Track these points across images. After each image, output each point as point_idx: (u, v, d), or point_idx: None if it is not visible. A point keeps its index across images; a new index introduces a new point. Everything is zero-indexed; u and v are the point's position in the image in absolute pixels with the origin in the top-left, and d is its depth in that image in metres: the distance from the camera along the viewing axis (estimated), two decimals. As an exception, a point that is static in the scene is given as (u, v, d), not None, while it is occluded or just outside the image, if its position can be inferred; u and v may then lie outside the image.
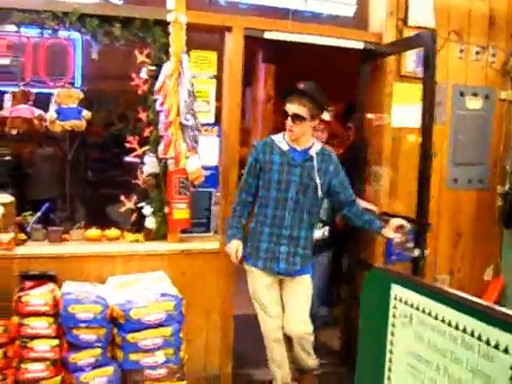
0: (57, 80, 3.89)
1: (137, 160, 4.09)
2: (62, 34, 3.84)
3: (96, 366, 3.33)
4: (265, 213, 3.67)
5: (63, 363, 3.30)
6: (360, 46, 4.43)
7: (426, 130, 3.94)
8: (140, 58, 3.91)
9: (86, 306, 3.32)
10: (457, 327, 1.67)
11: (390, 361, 1.93)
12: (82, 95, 4.00)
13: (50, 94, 3.93)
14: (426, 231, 3.96)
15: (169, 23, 3.85)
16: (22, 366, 3.22)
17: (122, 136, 4.19)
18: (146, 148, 4.04)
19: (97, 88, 4.88)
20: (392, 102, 4.50)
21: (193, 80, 3.93)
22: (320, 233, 4.45)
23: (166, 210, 4.00)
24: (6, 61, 4.03)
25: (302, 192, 3.60)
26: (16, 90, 3.95)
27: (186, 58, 3.90)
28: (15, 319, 3.27)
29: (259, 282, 3.71)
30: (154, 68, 3.92)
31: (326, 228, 4.56)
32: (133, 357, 3.36)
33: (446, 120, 4.74)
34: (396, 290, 1.91)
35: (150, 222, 4.06)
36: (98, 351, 3.35)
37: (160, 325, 3.42)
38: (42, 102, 3.99)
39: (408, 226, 3.75)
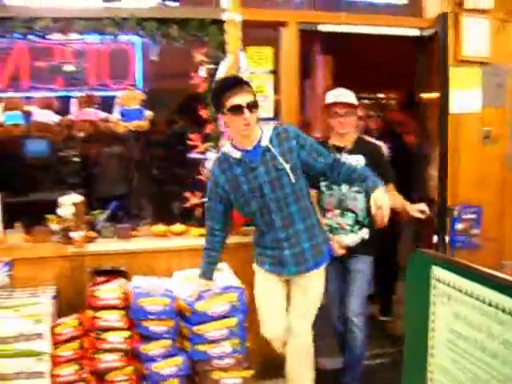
0: (119, 83, 4.06)
1: (200, 156, 4.18)
2: (122, 38, 3.99)
3: (166, 356, 3.44)
4: (256, 223, 3.41)
5: (135, 354, 3.44)
6: (416, 33, 4.41)
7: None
8: (198, 57, 4.02)
9: (154, 298, 3.44)
10: (490, 304, 1.74)
11: (433, 338, 2.01)
12: (143, 96, 4.15)
13: (114, 97, 4.10)
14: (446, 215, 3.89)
15: (224, 22, 3.93)
16: (97, 356, 3.39)
17: (185, 134, 4.28)
18: (208, 144, 4.13)
19: (157, 88, 5.01)
20: (451, 87, 4.45)
21: (250, 76, 3.99)
22: (358, 237, 3.83)
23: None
24: (71, 67, 4.22)
25: (278, 187, 3.23)
26: (81, 94, 4.14)
27: (243, 55, 3.97)
28: (89, 313, 3.43)
29: (266, 284, 3.51)
30: (212, 66, 4.02)
31: (365, 231, 3.85)
32: (200, 348, 3.46)
33: (505, 103, 4.63)
34: (436, 270, 1.99)
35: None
36: (168, 342, 3.46)
37: (224, 316, 3.49)
38: (106, 104, 4.16)
39: (427, 211, 3.67)
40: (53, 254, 3.89)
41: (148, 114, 4.10)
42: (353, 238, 3.80)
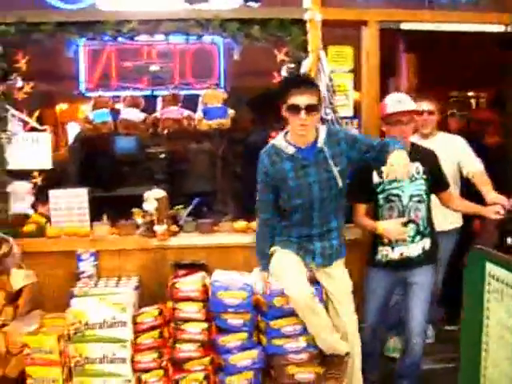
0: (202, 82, 4.18)
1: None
2: (206, 39, 4.12)
3: (242, 348, 3.54)
4: (290, 217, 3.39)
5: (212, 345, 3.56)
6: (500, 29, 4.31)
7: None
8: (279, 56, 4.08)
9: (233, 292, 3.53)
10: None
11: (487, 334, 2.04)
12: (226, 95, 4.26)
13: (197, 96, 4.23)
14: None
15: (305, 21, 3.98)
16: (176, 345, 3.54)
17: (266, 132, 4.35)
18: (289, 142, 4.19)
19: (240, 87, 5.11)
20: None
21: (331, 75, 4.03)
22: (419, 247, 3.60)
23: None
24: (157, 68, 4.40)
25: (326, 188, 3.26)
26: (166, 93, 4.30)
27: (324, 54, 4.00)
28: (170, 304, 3.58)
29: (290, 256, 3.39)
30: (293, 65, 4.07)
31: (427, 240, 3.62)
32: (276, 342, 3.52)
33: None
34: (489, 267, 2.04)
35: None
36: (245, 335, 3.55)
37: (301, 312, 3.55)
38: (190, 103, 4.30)
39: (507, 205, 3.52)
40: (137, 247, 4.08)
41: (230, 112, 4.21)
42: (414, 249, 3.61)
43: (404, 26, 4.18)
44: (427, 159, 3.60)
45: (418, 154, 3.56)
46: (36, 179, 4.28)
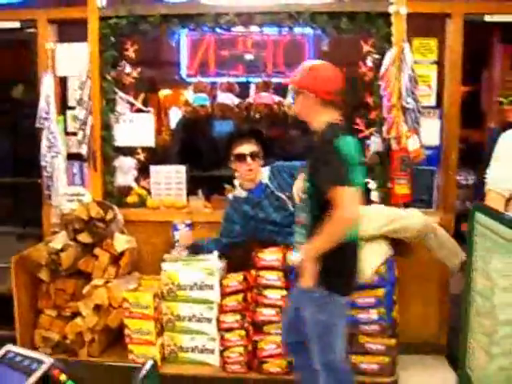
0: (293, 71, 4.47)
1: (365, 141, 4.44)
2: (297, 30, 4.39)
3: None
4: None
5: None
6: None
7: None
8: (365, 47, 4.29)
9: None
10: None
11: (474, 270, 2.39)
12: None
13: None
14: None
15: (390, 14, 4.16)
16: (257, 309, 3.85)
17: (351, 118, 4.54)
18: (372, 129, 4.39)
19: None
20: None
21: (414, 66, 4.17)
22: None
23: (389, 185, 4.26)
24: (251, 56, 4.74)
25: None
26: (259, 80, 4.64)
27: (408, 46, 4.15)
28: (253, 271, 3.91)
29: None
30: (378, 56, 4.25)
31: None
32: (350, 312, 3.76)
33: None
34: (477, 216, 2.35)
35: (375, 196, 4.37)
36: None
37: (374, 286, 3.75)
38: (281, 90, 4.61)
39: None
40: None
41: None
42: None
43: (488, 19, 4.26)
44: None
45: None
46: (139, 155, 4.69)
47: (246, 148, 3.93)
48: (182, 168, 4.67)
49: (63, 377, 1.98)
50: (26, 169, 5.32)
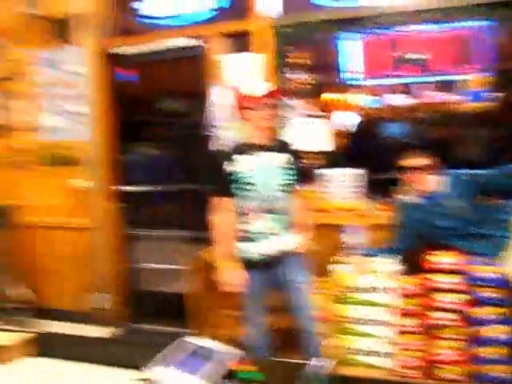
0: (462, 67, 4.32)
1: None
2: (459, 25, 4.23)
3: (496, 322, 3.63)
4: None
5: (466, 316, 3.69)
6: None
7: None
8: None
9: (487, 267, 3.70)
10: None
11: None
12: (490, 79, 4.33)
13: (456, 81, 4.38)
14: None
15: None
16: (433, 313, 3.75)
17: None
18: None
19: (506, 70, 5.04)
20: None
21: None
22: None
23: None
24: (416, 55, 4.64)
25: None
26: (425, 79, 4.55)
27: None
28: (428, 275, 3.81)
29: None
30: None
31: None
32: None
33: None
34: None
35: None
36: (500, 310, 3.63)
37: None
38: (449, 88, 4.47)
39: None
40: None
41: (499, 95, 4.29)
42: None
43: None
44: None
45: None
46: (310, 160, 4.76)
47: (416, 161, 3.93)
48: (361, 171, 4.70)
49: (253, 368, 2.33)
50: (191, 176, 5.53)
